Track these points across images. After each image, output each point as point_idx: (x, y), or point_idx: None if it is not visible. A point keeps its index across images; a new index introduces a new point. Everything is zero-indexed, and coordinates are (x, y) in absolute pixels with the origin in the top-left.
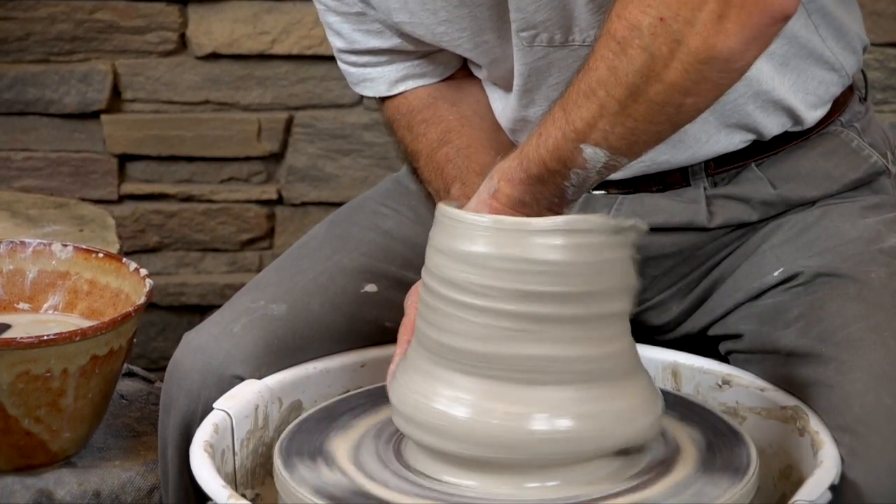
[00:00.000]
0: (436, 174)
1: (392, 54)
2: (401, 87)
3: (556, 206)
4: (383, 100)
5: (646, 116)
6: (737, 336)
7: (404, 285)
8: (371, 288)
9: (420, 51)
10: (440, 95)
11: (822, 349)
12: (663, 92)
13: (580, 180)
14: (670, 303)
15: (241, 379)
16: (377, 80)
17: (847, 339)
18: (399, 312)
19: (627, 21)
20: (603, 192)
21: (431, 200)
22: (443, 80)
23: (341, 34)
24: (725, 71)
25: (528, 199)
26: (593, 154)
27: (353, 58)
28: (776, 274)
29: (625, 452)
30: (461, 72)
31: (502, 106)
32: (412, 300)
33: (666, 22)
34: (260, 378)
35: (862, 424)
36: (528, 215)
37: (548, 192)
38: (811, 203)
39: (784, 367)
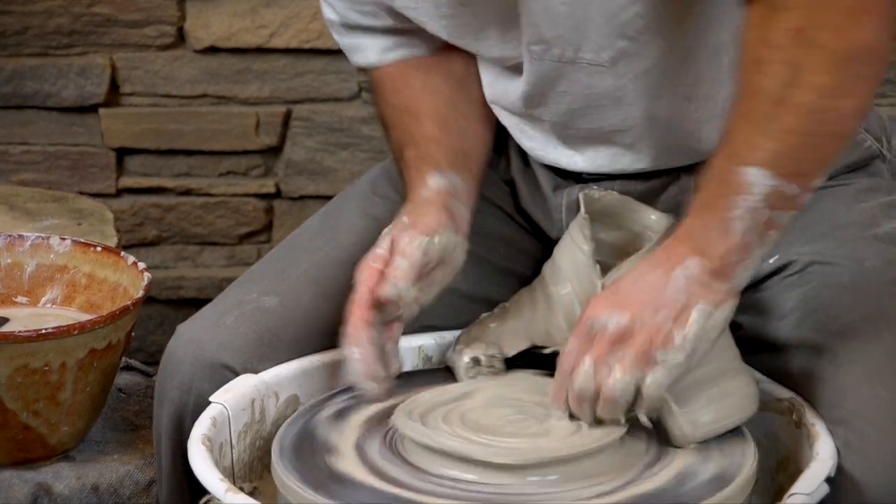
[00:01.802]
0: (396, 143)
1: (385, 30)
2: (390, 56)
3: (716, 240)
4: (370, 70)
5: (804, 128)
6: (733, 328)
7: None
8: None
9: (413, 28)
10: (416, 64)
11: (816, 341)
12: (815, 99)
13: (748, 212)
14: None
15: (233, 370)
16: (368, 49)
17: (841, 330)
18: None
19: (763, 41)
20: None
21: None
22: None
23: (335, 9)
24: (868, 63)
25: (698, 229)
26: (758, 176)
27: (345, 30)
28: (771, 261)
29: (622, 445)
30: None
31: (490, 80)
32: (365, 275)
33: (803, 32)
34: (252, 370)
35: (857, 417)
36: (698, 249)
37: (715, 221)
38: None
39: (779, 360)
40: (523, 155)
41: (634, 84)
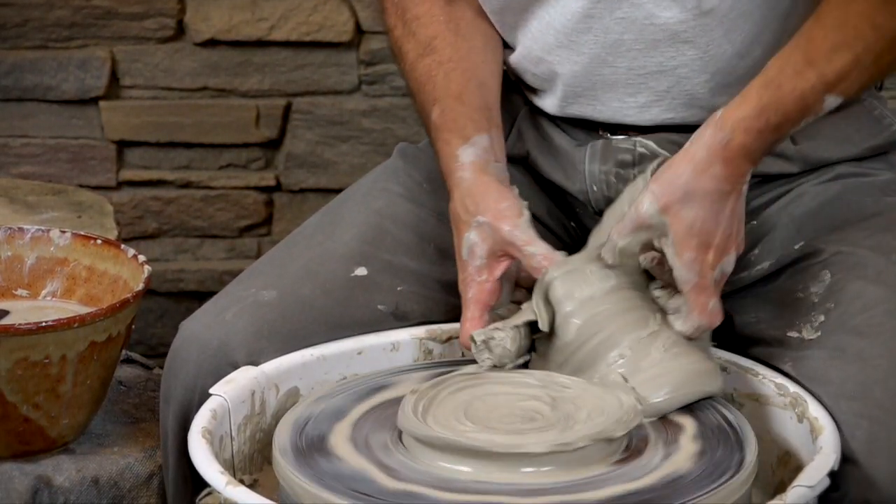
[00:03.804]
0: (418, 88)
1: None
2: None
3: (768, 153)
4: None
5: (891, 65)
6: (752, 320)
7: (395, 269)
8: (361, 271)
9: None
10: None
11: (840, 335)
12: None
13: (803, 127)
14: None
15: (235, 365)
16: None
17: (867, 324)
18: (389, 295)
19: None
20: (623, 136)
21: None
22: None
23: None
24: None
25: (760, 147)
26: (832, 102)
27: None
28: (796, 247)
29: (621, 437)
30: None
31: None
32: (474, 291)
33: None
34: (254, 363)
35: (884, 411)
36: (753, 165)
37: (777, 140)
38: (828, 167)
39: (800, 351)
40: (536, 125)
41: (696, 21)
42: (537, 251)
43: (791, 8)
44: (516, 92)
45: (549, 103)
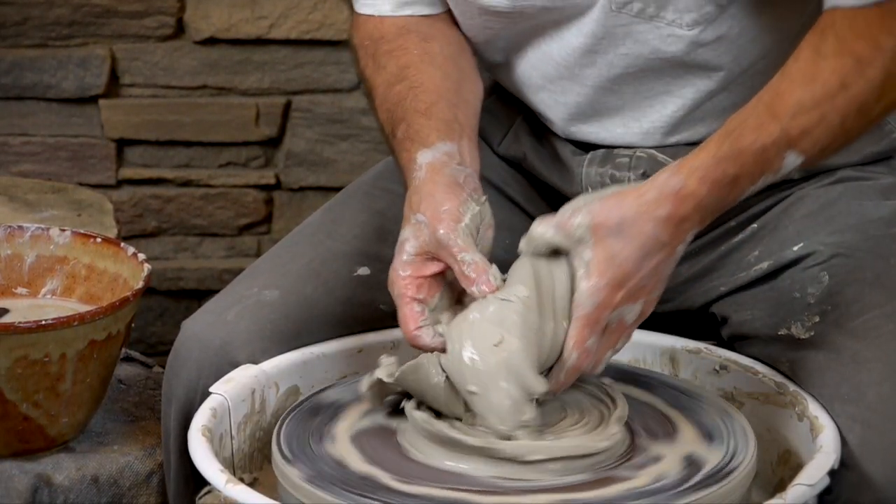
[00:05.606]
0: (387, 115)
1: None
2: (406, 11)
3: (716, 214)
4: (356, 22)
5: (857, 130)
6: (748, 317)
7: None
8: (364, 271)
9: None
10: (415, 28)
11: (837, 337)
12: (885, 111)
13: (760, 186)
14: (680, 262)
15: (237, 365)
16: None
17: (863, 327)
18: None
19: (870, 42)
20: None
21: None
22: (436, 15)
23: None
24: None
25: (713, 203)
26: (793, 161)
27: None
28: (795, 248)
29: (623, 437)
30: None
31: (523, 48)
32: (400, 287)
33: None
34: (257, 363)
35: (877, 414)
36: (702, 221)
37: (731, 197)
38: (830, 172)
39: (796, 353)
40: (534, 132)
41: (705, 48)
42: (472, 259)
43: (799, 28)
44: (515, 98)
45: (551, 124)
